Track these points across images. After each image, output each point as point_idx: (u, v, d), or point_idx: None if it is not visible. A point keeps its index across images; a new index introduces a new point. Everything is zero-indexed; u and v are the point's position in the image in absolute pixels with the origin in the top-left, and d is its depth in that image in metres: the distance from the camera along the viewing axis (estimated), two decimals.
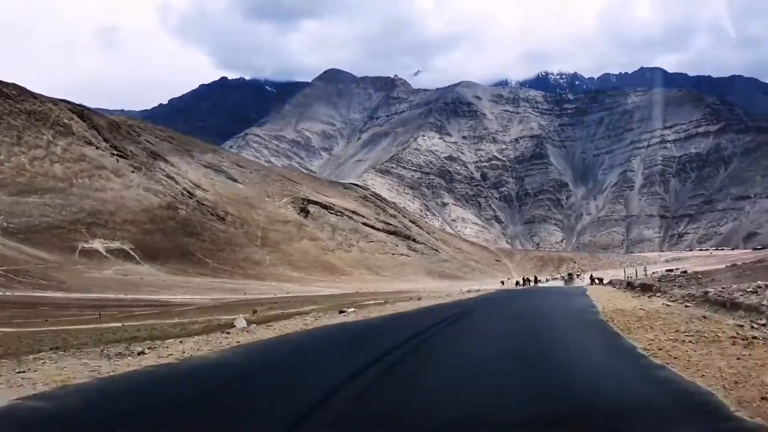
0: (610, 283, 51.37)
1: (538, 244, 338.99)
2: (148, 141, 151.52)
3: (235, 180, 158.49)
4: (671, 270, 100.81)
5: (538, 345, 11.90)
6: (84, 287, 71.42)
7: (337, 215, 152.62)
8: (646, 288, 25.72)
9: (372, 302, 35.20)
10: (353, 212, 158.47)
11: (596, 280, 66.33)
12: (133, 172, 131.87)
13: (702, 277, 25.70)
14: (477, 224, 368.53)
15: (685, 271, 49.53)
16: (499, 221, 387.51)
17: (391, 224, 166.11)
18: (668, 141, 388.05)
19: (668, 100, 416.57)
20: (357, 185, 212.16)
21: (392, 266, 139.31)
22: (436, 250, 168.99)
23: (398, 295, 63.67)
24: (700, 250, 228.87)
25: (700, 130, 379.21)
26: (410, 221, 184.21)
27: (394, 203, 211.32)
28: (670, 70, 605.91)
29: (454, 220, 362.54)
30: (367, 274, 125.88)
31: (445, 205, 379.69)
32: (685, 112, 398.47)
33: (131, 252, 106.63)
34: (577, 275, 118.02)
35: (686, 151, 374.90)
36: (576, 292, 35.54)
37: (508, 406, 6.55)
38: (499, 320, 19.10)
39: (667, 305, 17.24)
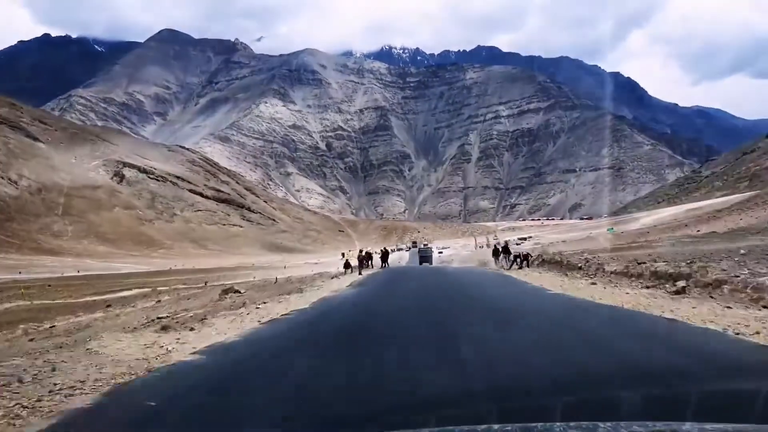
0: (527, 260, 26.40)
1: (381, 214, 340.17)
2: None
3: (35, 138, 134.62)
4: (523, 239, 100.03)
5: None
6: None
7: (158, 180, 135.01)
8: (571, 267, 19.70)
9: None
10: (178, 177, 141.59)
11: (514, 256, 28.71)
12: None
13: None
14: (322, 195, 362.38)
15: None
16: (344, 192, 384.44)
17: (222, 191, 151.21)
18: (502, 116, 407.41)
19: (503, 77, 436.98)
20: (184, 147, 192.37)
21: (222, 238, 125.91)
22: (274, 220, 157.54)
23: (207, 275, 52.77)
24: (532, 219, 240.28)
25: (531, 106, 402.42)
26: (245, 188, 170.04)
27: (227, 168, 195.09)
28: (505, 49, 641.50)
29: (298, 191, 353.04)
30: (191, 248, 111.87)
31: (288, 174, 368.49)
32: (518, 89, 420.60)
33: None
34: (425, 244, 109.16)
35: (519, 126, 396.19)
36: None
37: None
38: None
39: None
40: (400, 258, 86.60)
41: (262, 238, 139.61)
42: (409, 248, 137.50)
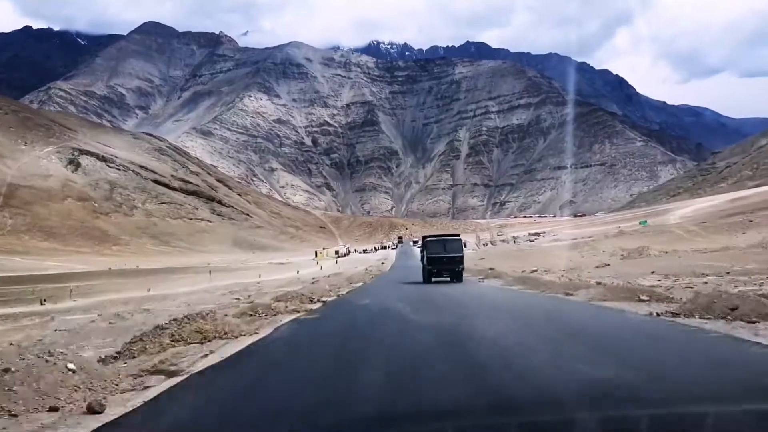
0: None
1: (369, 212, 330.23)
2: None
3: None
4: (537, 234, 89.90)
5: None
6: None
7: (118, 170, 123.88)
8: None
9: None
10: (142, 166, 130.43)
11: None
12: None
13: None
14: (307, 191, 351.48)
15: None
16: (330, 188, 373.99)
17: (191, 182, 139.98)
18: (492, 112, 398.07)
19: (492, 72, 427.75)
20: (150, 134, 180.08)
21: (188, 234, 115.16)
22: (248, 215, 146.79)
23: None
24: (524, 217, 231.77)
25: (522, 102, 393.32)
26: (217, 180, 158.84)
27: (197, 158, 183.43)
28: (493, 45, 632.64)
29: (283, 187, 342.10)
30: (150, 244, 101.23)
31: (273, 170, 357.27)
32: (508, 85, 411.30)
33: None
34: (434, 237, 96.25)
35: (508, 122, 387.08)
36: None
37: None
38: None
39: None
40: (384, 258, 74.60)
41: (234, 234, 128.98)
42: (395, 246, 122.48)
